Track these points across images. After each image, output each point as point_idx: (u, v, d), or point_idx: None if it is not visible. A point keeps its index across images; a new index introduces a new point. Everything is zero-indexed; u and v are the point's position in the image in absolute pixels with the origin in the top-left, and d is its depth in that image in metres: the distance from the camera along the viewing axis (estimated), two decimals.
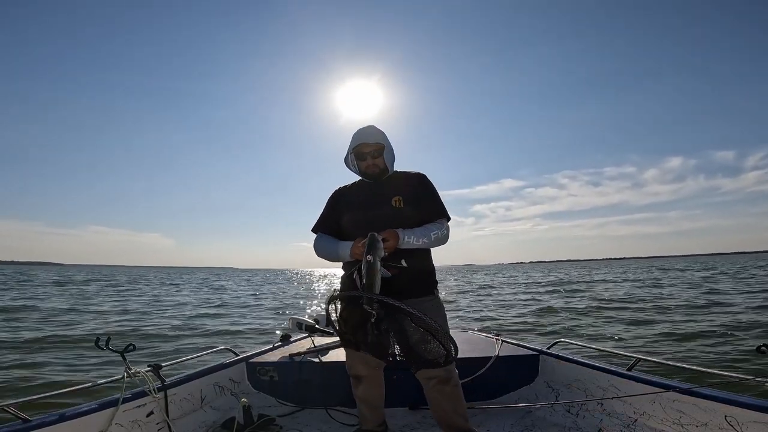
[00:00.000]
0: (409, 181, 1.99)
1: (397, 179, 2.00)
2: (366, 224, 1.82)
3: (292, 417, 2.49)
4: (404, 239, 1.79)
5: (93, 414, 1.77)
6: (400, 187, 1.95)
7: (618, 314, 10.31)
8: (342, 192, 2.10)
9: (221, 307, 14.77)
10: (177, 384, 2.24)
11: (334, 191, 2.12)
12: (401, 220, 1.86)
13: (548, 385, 2.62)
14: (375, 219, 1.86)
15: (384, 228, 1.78)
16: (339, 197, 2.08)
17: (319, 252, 1.99)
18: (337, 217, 2.02)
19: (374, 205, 1.93)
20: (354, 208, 1.97)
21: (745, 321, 8.31)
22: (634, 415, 2.08)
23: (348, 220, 1.97)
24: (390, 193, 1.93)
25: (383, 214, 1.88)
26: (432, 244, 1.88)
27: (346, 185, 2.14)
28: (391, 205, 1.90)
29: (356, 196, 2.01)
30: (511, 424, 2.32)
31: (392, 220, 1.85)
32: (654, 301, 12.94)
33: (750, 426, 1.63)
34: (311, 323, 3.29)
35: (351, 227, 1.95)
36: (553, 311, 11.50)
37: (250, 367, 2.77)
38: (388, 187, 1.96)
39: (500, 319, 10.30)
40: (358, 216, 1.93)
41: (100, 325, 9.72)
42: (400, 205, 1.90)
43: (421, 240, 1.82)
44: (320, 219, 2.08)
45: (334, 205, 2.06)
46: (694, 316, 9.50)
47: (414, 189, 1.95)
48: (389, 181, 1.99)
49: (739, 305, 10.81)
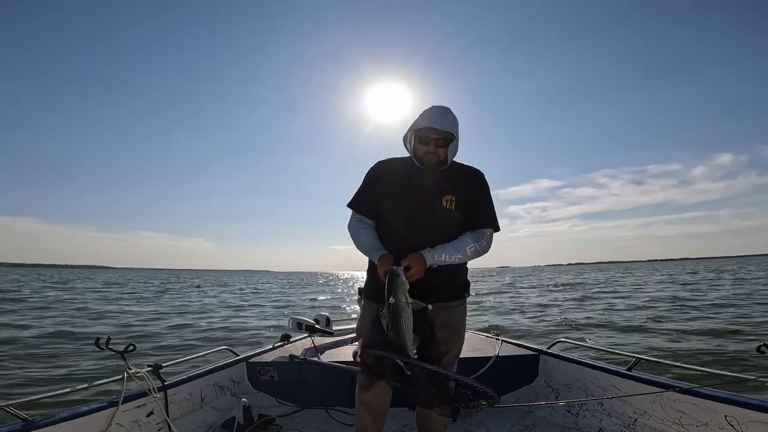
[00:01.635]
0: (467, 179, 1.73)
1: (454, 173, 1.72)
2: (406, 219, 1.66)
3: (292, 417, 2.50)
4: (434, 260, 1.57)
5: (93, 414, 1.77)
6: (455, 184, 1.69)
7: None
8: (385, 167, 1.80)
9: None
10: (177, 384, 2.24)
11: (376, 164, 1.83)
12: (448, 224, 1.66)
13: (548, 385, 2.62)
14: (419, 215, 1.66)
15: (426, 227, 1.63)
16: (381, 173, 1.79)
17: (353, 239, 1.78)
18: (377, 195, 1.76)
19: (422, 197, 1.68)
20: (397, 193, 1.71)
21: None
22: (634, 415, 2.08)
23: (388, 206, 1.73)
24: (443, 189, 1.68)
25: (430, 211, 1.66)
26: (467, 258, 1.66)
27: (391, 159, 1.83)
28: (442, 205, 1.66)
29: (402, 180, 1.73)
30: (511, 424, 2.33)
31: (438, 222, 1.65)
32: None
33: (750, 426, 1.63)
34: (311, 323, 3.29)
35: (390, 215, 1.72)
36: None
37: (250, 367, 2.77)
38: (443, 180, 1.69)
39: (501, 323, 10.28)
40: (402, 205, 1.69)
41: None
42: (452, 207, 1.66)
43: (454, 257, 1.60)
44: (357, 195, 1.81)
45: (374, 181, 1.78)
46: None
47: (470, 190, 1.71)
48: (445, 174, 1.71)
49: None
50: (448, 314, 1.68)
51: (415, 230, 1.65)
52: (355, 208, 1.80)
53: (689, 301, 12.81)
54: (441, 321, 1.64)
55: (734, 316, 9.26)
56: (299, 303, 18.62)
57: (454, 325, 1.71)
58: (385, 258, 1.59)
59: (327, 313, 3.29)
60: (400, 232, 1.69)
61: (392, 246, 1.67)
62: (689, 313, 10.12)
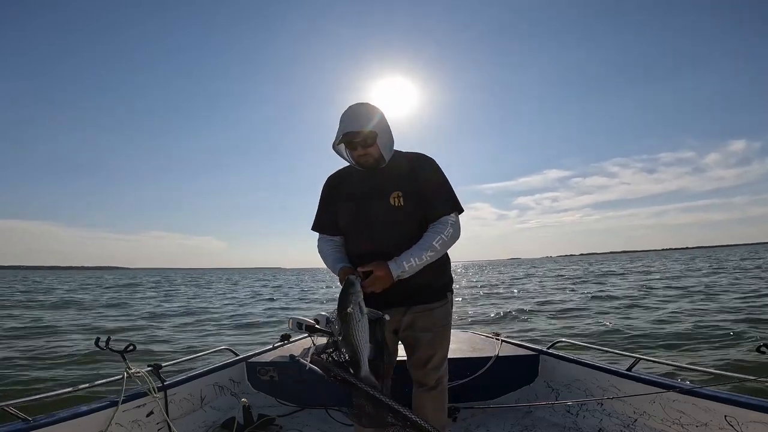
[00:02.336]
0: (409, 170, 1.65)
1: (395, 167, 1.65)
2: (361, 226, 1.63)
3: (292, 417, 2.50)
4: (401, 268, 1.50)
5: (93, 414, 1.77)
6: (399, 178, 1.63)
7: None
8: (334, 180, 1.78)
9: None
10: (177, 384, 2.24)
11: (328, 180, 1.80)
12: (402, 222, 1.60)
13: (548, 385, 2.62)
14: (371, 220, 1.61)
15: (382, 230, 1.59)
16: (333, 187, 1.77)
17: (322, 259, 1.77)
18: (333, 211, 1.73)
19: (370, 201, 1.63)
20: (348, 203, 1.68)
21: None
22: (634, 415, 2.08)
23: (343, 218, 1.70)
24: (388, 187, 1.62)
25: (380, 214, 1.60)
26: (439, 253, 1.58)
27: (340, 171, 1.80)
28: (390, 204, 1.59)
29: (351, 188, 1.70)
30: (511, 424, 2.33)
31: (392, 223, 1.59)
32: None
33: (750, 426, 1.63)
34: (311, 323, 3.28)
35: (346, 227, 1.71)
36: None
37: (250, 367, 2.77)
38: (385, 177, 1.64)
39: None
40: (354, 214, 1.65)
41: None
42: (400, 203, 1.59)
43: (424, 257, 1.53)
44: (316, 217, 1.80)
45: (328, 199, 1.77)
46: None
47: (415, 179, 1.63)
48: (387, 170, 1.65)
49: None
50: (430, 316, 1.64)
51: (372, 236, 1.61)
52: (318, 230, 1.81)
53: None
54: (424, 324, 1.62)
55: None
56: (318, 297, 19.42)
57: (439, 327, 1.67)
58: (345, 270, 1.59)
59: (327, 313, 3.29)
60: (359, 241, 1.67)
61: (356, 257, 1.66)
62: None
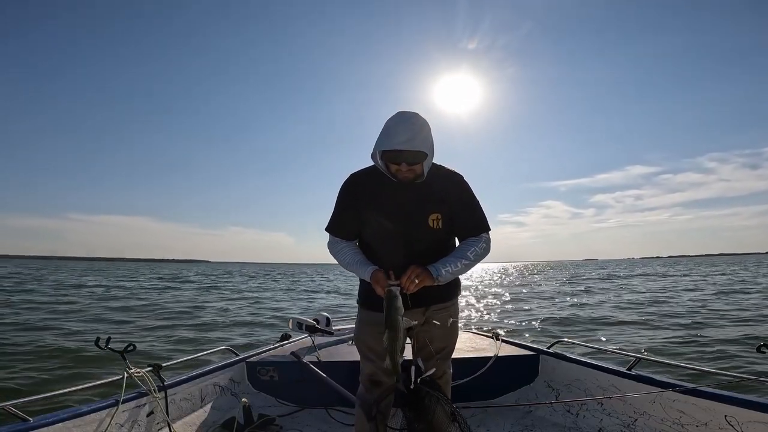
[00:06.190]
0: (448, 190, 1.61)
1: (434, 185, 1.59)
2: (391, 240, 1.60)
3: (292, 417, 2.49)
4: (438, 274, 1.52)
5: (93, 414, 1.77)
6: (438, 199, 1.59)
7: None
8: (360, 183, 1.65)
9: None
10: (177, 384, 2.24)
11: (351, 179, 1.67)
12: (438, 241, 1.61)
13: (548, 384, 2.62)
14: (408, 239, 1.58)
15: (413, 248, 1.58)
16: (357, 191, 1.65)
17: (335, 258, 1.71)
18: (356, 216, 1.64)
19: (406, 218, 1.57)
20: (378, 213, 1.59)
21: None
22: (634, 415, 2.08)
23: (369, 227, 1.63)
24: (427, 207, 1.58)
25: (418, 233, 1.58)
26: (472, 264, 1.60)
27: (363, 172, 1.67)
28: (428, 225, 1.57)
29: (383, 199, 1.59)
30: (511, 424, 2.33)
31: (425, 242, 1.59)
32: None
33: (750, 426, 1.63)
34: (311, 323, 3.29)
35: (371, 237, 1.66)
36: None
37: (250, 367, 2.77)
38: (423, 195, 1.58)
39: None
40: (385, 226, 1.58)
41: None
42: (439, 226, 1.58)
43: (459, 265, 1.56)
44: (333, 218, 1.69)
45: (350, 202, 1.65)
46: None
47: (454, 202, 1.61)
48: (424, 187, 1.57)
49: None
50: (445, 313, 1.74)
51: (400, 250, 1.60)
52: (333, 232, 1.70)
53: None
54: (439, 319, 1.72)
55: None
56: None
57: (451, 323, 1.77)
58: (379, 274, 1.53)
59: (327, 313, 3.29)
60: (384, 253, 1.63)
61: (377, 265, 1.63)
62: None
